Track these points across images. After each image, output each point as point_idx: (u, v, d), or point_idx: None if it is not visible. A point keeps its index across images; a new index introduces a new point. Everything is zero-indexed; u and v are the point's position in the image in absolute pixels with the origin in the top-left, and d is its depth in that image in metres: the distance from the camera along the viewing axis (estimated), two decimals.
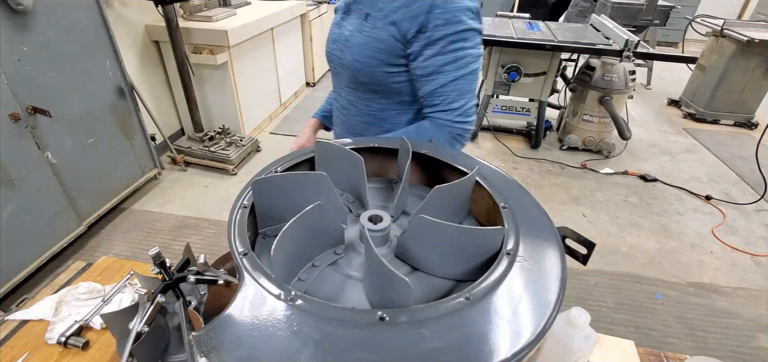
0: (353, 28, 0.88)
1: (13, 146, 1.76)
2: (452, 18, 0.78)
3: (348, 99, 0.98)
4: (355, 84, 0.93)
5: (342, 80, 0.98)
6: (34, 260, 1.92)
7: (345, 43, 0.90)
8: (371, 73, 0.88)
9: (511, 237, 0.47)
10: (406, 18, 0.80)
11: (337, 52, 0.93)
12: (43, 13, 1.82)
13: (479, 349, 0.35)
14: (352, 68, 0.90)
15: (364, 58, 0.86)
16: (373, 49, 0.84)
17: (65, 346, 0.78)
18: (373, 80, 0.89)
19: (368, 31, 0.85)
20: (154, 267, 0.64)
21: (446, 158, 0.65)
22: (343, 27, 0.92)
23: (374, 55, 0.85)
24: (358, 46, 0.86)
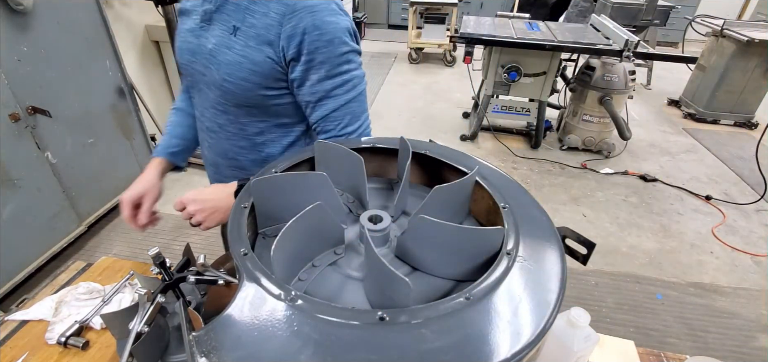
0: (219, 42, 0.76)
1: (13, 146, 1.76)
2: (334, 39, 0.73)
3: (217, 122, 0.85)
4: (226, 105, 0.81)
5: (206, 99, 0.84)
6: (34, 260, 1.92)
7: (209, 58, 0.77)
8: (246, 96, 0.78)
9: (511, 237, 0.47)
10: (282, 38, 0.72)
11: (200, 68, 0.80)
12: (43, 13, 1.82)
13: (479, 349, 0.35)
14: (221, 89, 0.78)
15: (237, 80, 0.76)
16: (247, 71, 0.75)
17: (65, 346, 0.78)
18: (249, 103, 0.79)
19: (239, 50, 0.74)
20: (154, 267, 0.64)
21: (446, 158, 0.65)
22: (203, 37, 0.78)
23: (249, 78, 0.75)
24: (229, 65, 0.75)
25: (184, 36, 0.83)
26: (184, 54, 0.83)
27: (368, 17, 6.99)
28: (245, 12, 0.74)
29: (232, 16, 0.75)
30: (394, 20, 7.36)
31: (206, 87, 0.82)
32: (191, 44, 0.81)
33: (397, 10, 7.28)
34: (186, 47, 0.82)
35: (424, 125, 3.77)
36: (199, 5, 0.80)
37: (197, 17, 0.80)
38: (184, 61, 0.84)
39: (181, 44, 0.83)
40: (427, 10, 5.25)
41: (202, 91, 0.84)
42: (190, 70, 0.84)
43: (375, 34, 7.08)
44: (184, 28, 0.83)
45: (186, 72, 0.86)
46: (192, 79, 0.86)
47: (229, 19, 0.75)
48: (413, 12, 5.21)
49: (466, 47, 3.11)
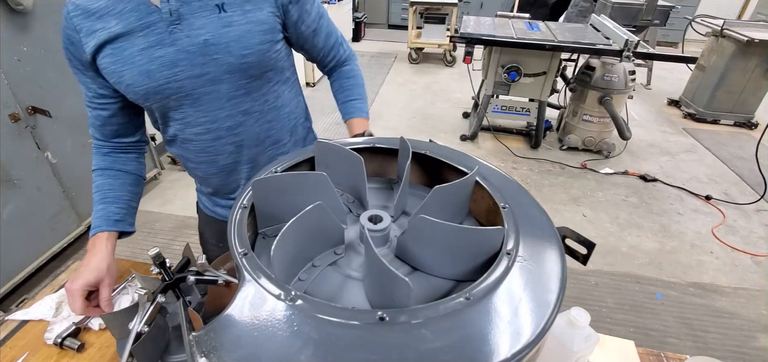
0: (213, 27, 0.73)
1: (13, 146, 1.76)
2: None
3: (241, 110, 0.82)
4: (248, 84, 0.80)
5: (217, 98, 0.79)
6: (34, 261, 1.92)
7: (207, 49, 0.73)
8: (265, 59, 0.79)
9: (511, 237, 0.47)
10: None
11: (195, 70, 0.75)
12: (43, 13, 1.82)
13: (479, 349, 0.35)
14: (241, 67, 0.77)
15: (255, 47, 0.76)
16: (259, 33, 0.76)
17: (61, 347, 0.78)
18: (266, 66, 0.81)
19: (241, 19, 0.74)
20: (154, 267, 0.64)
21: (446, 158, 0.65)
22: (181, 39, 0.73)
23: (264, 39, 0.77)
24: (240, 39, 0.74)
25: (144, 56, 0.72)
26: (158, 72, 0.73)
27: (368, 17, 6.99)
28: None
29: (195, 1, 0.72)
30: (394, 20, 7.36)
31: (213, 84, 0.77)
32: (164, 57, 0.73)
33: (397, 10, 7.28)
34: (157, 64, 0.73)
35: (424, 125, 3.77)
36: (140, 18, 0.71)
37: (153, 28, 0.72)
38: (161, 80, 0.74)
39: (144, 67, 0.73)
40: (427, 10, 5.25)
41: (206, 93, 0.78)
42: (174, 86, 0.75)
43: (375, 34, 7.08)
44: (136, 49, 0.72)
45: (165, 92, 0.76)
46: (180, 93, 0.77)
47: (206, 3, 0.73)
48: (413, 12, 5.21)
49: (466, 47, 3.11)
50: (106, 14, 0.72)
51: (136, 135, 0.90)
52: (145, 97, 0.76)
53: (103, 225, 0.81)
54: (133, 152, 0.91)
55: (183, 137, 0.85)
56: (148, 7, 0.71)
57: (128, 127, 0.87)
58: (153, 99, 0.77)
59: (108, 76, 0.75)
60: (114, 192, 0.86)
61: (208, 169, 0.90)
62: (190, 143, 0.85)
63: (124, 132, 0.87)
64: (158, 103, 0.78)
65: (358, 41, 6.60)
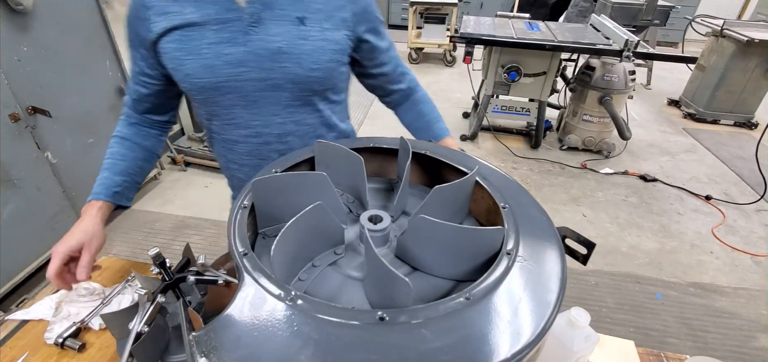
0: (289, 37, 0.74)
1: (13, 146, 1.76)
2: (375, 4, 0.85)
3: (293, 120, 0.83)
4: (307, 96, 0.81)
5: (271, 104, 0.80)
6: (34, 260, 1.92)
7: (278, 56, 0.74)
8: (329, 76, 0.81)
9: (511, 237, 0.47)
10: (356, 14, 0.80)
11: (258, 74, 0.75)
12: (43, 13, 1.82)
13: (479, 349, 0.35)
14: (306, 79, 0.78)
15: (325, 64, 0.78)
16: (331, 52, 0.78)
17: (62, 347, 0.78)
18: (328, 84, 0.82)
19: (318, 35, 0.76)
20: (154, 267, 0.64)
21: (446, 158, 0.65)
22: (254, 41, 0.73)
23: (334, 58, 0.79)
24: (312, 53, 0.76)
25: (212, 50, 0.73)
26: (222, 69, 0.74)
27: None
28: (305, 1, 0.76)
29: (290, 9, 0.74)
30: (394, 20, 7.36)
31: (273, 90, 0.78)
32: (233, 55, 0.73)
33: (397, 10, 7.28)
34: (223, 61, 0.73)
35: None
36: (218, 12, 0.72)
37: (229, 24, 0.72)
38: (222, 77, 0.74)
39: (209, 61, 0.73)
40: (427, 10, 5.25)
41: (264, 98, 0.78)
42: (234, 85, 0.76)
43: None
44: (205, 42, 0.72)
45: (223, 89, 0.76)
46: (237, 93, 0.77)
47: (287, 13, 0.74)
48: (413, 12, 5.21)
49: (466, 47, 3.11)
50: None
51: (166, 115, 0.91)
52: (200, 90, 0.77)
53: (101, 193, 0.81)
54: (158, 129, 0.92)
55: (228, 137, 0.86)
56: (231, 4, 0.72)
57: (162, 107, 0.89)
58: (207, 94, 0.78)
59: (167, 60, 0.75)
60: (124, 163, 0.86)
61: (251, 173, 0.89)
62: (237, 144, 0.86)
63: (156, 111, 0.88)
64: (211, 98, 0.79)
65: None
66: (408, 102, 0.99)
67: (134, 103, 0.86)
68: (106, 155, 0.86)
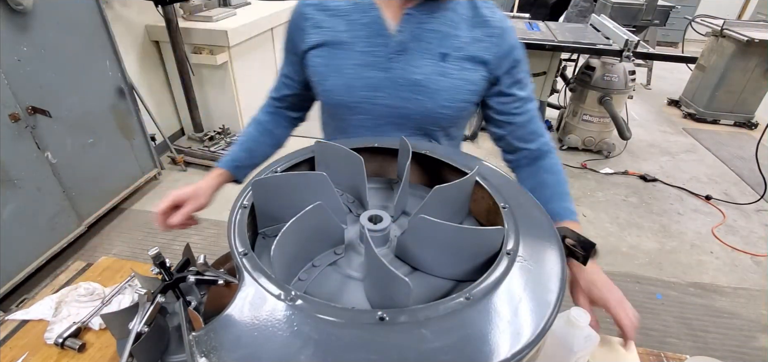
0: (429, 71, 0.74)
1: (13, 146, 1.76)
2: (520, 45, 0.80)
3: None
4: (431, 130, 0.81)
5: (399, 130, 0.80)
6: (34, 261, 1.92)
7: (415, 88, 0.75)
8: (457, 115, 0.79)
9: (511, 237, 0.47)
10: (498, 56, 0.76)
11: (390, 101, 0.76)
12: (43, 13, 1.82)
13: (479, 349, 0.35)
14: (434, 114, 0.77)
15: (457, 103, 0.77)
16: (467, 92, 0.77)
17: (62, 347, 0.78)
18: (453, 122, 0.81)
19: (457, 74, 0.75)
20: (154, 267, 0.64)
21: (446, 158, 0.65)
22: (395, 70, 0.75)
23: (468, 99, 0.77)
24: (447, 91, 0.75)
25: (354, 72, 0.75)
26: (359, 90, 0.76)
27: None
28: (451, 38, 0.74)
29: (435, 43, 0.74)
30: None
31: (401, 118, 0.78)
32: (372, 79, 0.75)
33: None
34: (362, 83, 0.76)
35: None
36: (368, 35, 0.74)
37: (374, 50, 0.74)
38: (357, 98, 0.77)
39: (349, 81, 0.76)
40: None
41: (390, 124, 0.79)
42: (367, 106, 0.78)
43: None
44: (349, 62, 0.75)
45: (356, 109, 0.78)
46: (365, 115, 0.79)
47: (432, 47, 0.74)
48: None
49: None
50: (338, 16, 0.75)
51: (299, 113, 0.97)
52: (335, 105, 0.80)
53: (225, 163, 0.89)
54: (290, 122, 0.97)
55: None
56: (381, 29, 0.74)
57: (297, 106, 0.95)
58: (340, 111, 0.80)
59: (312, 73, 0.79)
60: (252, 144, 0.93)
61: None
62: None
63: (292, 108, 0.95)
64: (341, 115, 0.81)
65: None
66: (532, 167, 0.85)
67: (277, 96, 0.93)
68: (241, 132, 0.95)
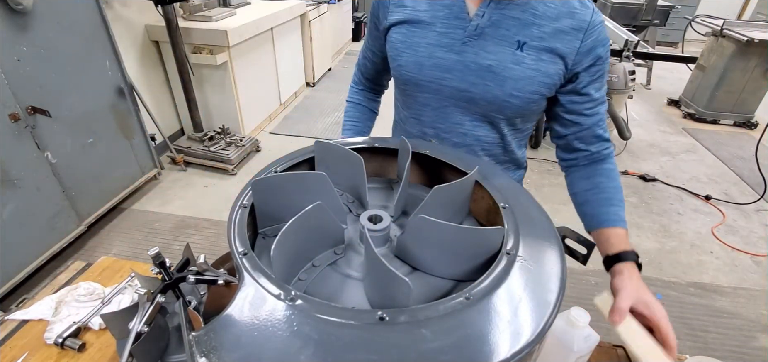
0: (501, 58, 0.72)
1: (13, 146, 1.76)
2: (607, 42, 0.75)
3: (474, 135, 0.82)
4: (496, 118, 0.79)
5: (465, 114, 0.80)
6: (34, 261, 1.92)
7: (484, 74, 0.73)
8: (527, 107, 0.77)
9: (511, 237, 0.47)
10: (580, 52, 0.72)
11: (458, 84, 0.76)
12: (43, 13, 1.82)
13: (479, 349, 0.35)
14: (501, 102, 0.75)
15: (526, 94, 0.74)
16: (539, 84, 0.73)
17: (62, 347, 0.78)
18: (521, 113, 0.78)
19: (531, 64, 0.72)
20: (153, 267, 0.64)
21: (446, 158, 0.65)
22: (468, 53, 0.74)
23: (539, 91, 0.74)
24: (518, 81, 0.73)
25: (426, 50, 0.76)
26: (429, 69, 0.77)
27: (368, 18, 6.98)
28: (531, 26, 0.71)
29: (513, 31, 0.72)
30: None
31: (467, 102, 0.78)
32: (443, 60, 0.75)
33: None
34: (432, 62, 0.76)
35: None
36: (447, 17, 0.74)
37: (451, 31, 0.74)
38: (427, 77, 0.77)
39: (421, 59, 0.77)
40: None
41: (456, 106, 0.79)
42: (434, 86, 0.78)
43: None
44: (424, 41, 0.76)
45: (424, 88, 0.79)
46: (436, 95, 0.79)
47: (509, 34, 0.72)
48: None
49: None
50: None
51: (381, 83, 1.04)
52: (405, 82, 0.82)
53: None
54: (377, 93, 1.07)
55: (410, 129, 0.90)
56: (461, 12, 0.74)
57: (379, 78, 1.02)
58: (409, 87, 0.82)
59: (390, 48, 0.82)
60: (360, 124, 1.03)
61: None
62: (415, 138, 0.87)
63: (374, 80, 1.02)
64: (409, 91, 0.83)
65: (358, 41, 6.60)
66: (589, 169, 0.82)
67: (360, 72, 1.02)
68: (345, 117, 1.03)
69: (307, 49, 4.38)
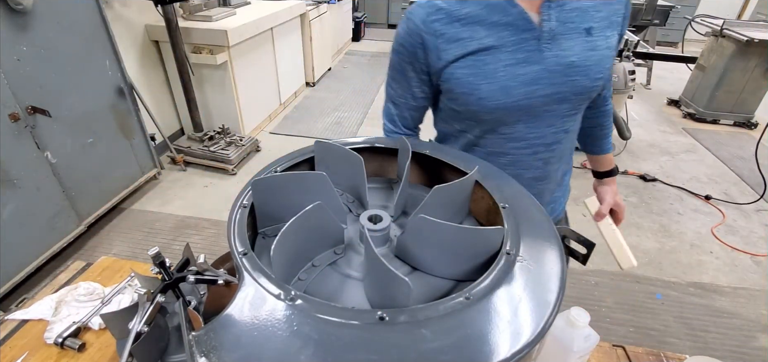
0: (580, 49, 0.74)
1: (13, 146, 1.76)
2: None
3: (564, 129, 0.82)
4: (579, 105, 0.81)
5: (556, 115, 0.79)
6: (34, 260, 1.92)
7: (569, 71, 0.74)
8: (605, 83, 0.82)
9: (511, 237, 0.47)
10: (625, 16, 0.79)
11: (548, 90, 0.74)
12: (43, 13, 1.82)
13: (479, 349, 0.35)
14: (589, 89, 0.77)
15: (606, 71, 0.78)
16: (610, 58, 0.78)
17: (62, 347, 0.78)
18: (600, 90, 0.82)
19: (603, 44, 0.75)
20: (153, 267, 0.64)
21: (446, 158, 0.65)
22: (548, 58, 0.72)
23: (609, 65, 0.79)
24: (598, 63, 0.75)
25: (507, 72, 0.72)
26: (517, 89, 0.73)
27: (368, 17, 6.99)
28: (590, 10, 0.74)
29: (578, 20, 0.73)
30: (394, 20, 7.36)
31: (559, 103, 0.77)
32: (527, 74, 0.72)
33: (397, 10, 7.28)
34: (518, 81, 0.72)
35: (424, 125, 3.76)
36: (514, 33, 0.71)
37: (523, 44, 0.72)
38: (517, 97, 0.73)
39: (505, 83, 0.72)
40: None
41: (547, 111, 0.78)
42: (525, 104, 0.75)
43: (375, 33, 7.08)
44: (500, 65, 0.72)
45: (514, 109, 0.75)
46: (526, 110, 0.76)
47: (577, 25, 0.73)
48: None
49: None
50: (474, 23, 0.71)
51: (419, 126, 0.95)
52: (491, 111, 0.75)
53: None
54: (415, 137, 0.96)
55: (493, 150, 0.83)
56: (527, 23, 0.71)
57: (420, 120, 0.93)
58: (497, 114, 0.76)
59: (457, 85, 0.75)
60: None
61: None
62: (502, 156, 0.83)
63: (415, 125, 0.93)
64: (498, 118, 0.77)
65: (358, 41, 6.60)
66: (593, 110, 0.95)
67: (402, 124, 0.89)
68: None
69: (307, 49, 4.38)
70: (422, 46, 0.75)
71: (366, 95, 4.41)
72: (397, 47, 0.79)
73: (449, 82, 0.76)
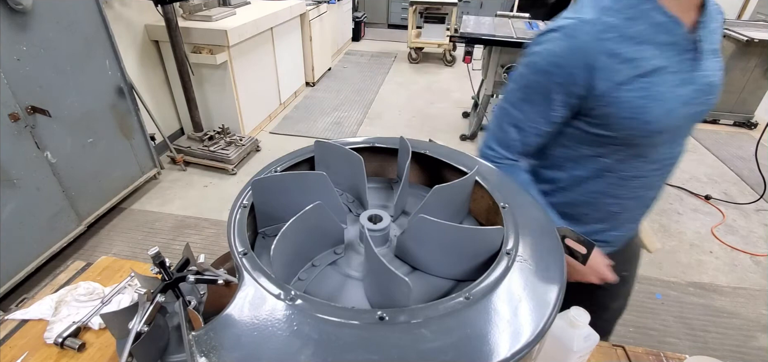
0: (716, 69, 0.74)
1: (13, 146, 1.76)
2: None
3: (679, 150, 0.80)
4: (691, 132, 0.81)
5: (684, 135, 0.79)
6: (34, 260, 1.92)
7: (713, 88, 0.74)
8: None
9: (510, 237, 0.47)
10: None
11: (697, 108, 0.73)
12: (43, 13, 1.82)
13: (479, 349, 0.35)
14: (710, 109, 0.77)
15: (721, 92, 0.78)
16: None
17: (62, 347, 0.78)
18: None
19: (722, 68, 0.77)
20: (153, 267, 0.64)
21: (446, 158, 0.65)
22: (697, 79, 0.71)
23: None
24: (721, 84, 0.76)
25: (673, 93, 0.69)
26: (677, 110, 0.70)
27: (368, 17, 6.99)
28: (716, 33, 0.75)
29: (713, 41, 0.74)
30: (394, 20, 7.36)
31: (692, 122, 0.77)
32: (684, 95, 0.70)
33: (397, 10, 7.28)
34: (679, 103, 0.70)
35: (424, 125, 3.76)
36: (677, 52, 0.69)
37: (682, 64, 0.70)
38: (676, 119, 0.71)
39: (672, 106, 0.69)
40: (426, 9, 5.25)
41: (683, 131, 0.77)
42: (674, 124, 0.72)
43: (375, 33, 7.08)
44: (668, 86, 0.68)
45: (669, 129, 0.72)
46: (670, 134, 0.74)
47: (712, 46, 0.74)
48: (413, 12, 5.20)
49: (465, 47, 3.10)
50: (643, 43, 0.67)
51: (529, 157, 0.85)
52: (649, 134, 0.72)
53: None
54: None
55: (629, 173, 0.79)
56: (690, 43, 0.69)
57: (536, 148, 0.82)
58: (654, 137, 0.72)
59: (622, 109, 0.69)
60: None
61: (631, 204, 0.85)
62: (636, 180, 0.80)
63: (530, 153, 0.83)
64: (654, 141, 0.74)
65: (358, 41, 6.60)
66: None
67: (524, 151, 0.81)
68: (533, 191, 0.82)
69: (306, 49, 4.37)
70: (587, 66, 0.67)
71: (366, 94, 4.41)
72: (547, 67, 0.71)
73: (612, 105, 0.69)
